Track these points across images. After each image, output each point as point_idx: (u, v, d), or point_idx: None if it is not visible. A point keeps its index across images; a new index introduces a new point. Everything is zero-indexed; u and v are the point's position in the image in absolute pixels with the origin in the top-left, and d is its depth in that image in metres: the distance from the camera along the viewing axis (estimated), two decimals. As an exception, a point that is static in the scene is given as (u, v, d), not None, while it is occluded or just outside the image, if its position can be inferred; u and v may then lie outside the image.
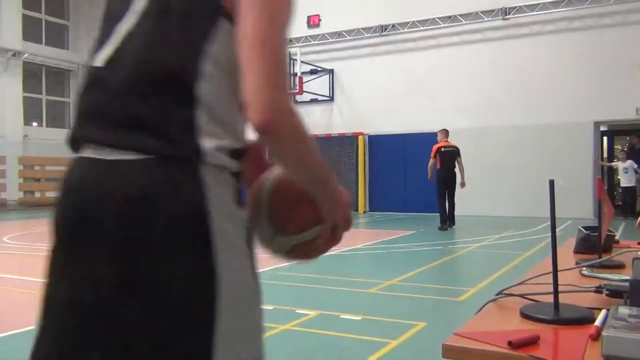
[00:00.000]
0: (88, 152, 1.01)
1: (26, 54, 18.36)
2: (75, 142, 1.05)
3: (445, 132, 11.28)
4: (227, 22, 1.04)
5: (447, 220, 10.79)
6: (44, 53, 19.23)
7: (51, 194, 19.08)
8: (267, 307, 4.30)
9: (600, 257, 1.96)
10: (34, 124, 19.34)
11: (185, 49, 1.03)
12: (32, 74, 19.42)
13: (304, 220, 1.14)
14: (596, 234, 2.07)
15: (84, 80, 1.10)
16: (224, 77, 1.03)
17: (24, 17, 18.71)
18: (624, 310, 1.12)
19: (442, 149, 10.96)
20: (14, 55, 17.98)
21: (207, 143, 0.99)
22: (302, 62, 14.67)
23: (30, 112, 19.13)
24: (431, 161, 10.87)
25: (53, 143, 19.33)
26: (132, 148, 0.97)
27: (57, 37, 20.28)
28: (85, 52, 20.45)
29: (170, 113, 0.99)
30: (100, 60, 1.08)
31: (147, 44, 1.05)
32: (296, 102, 16.13)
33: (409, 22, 14.71)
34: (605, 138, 16.00)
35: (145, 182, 0.96)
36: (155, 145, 0.97)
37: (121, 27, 1.10)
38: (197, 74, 1.01)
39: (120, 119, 1.01)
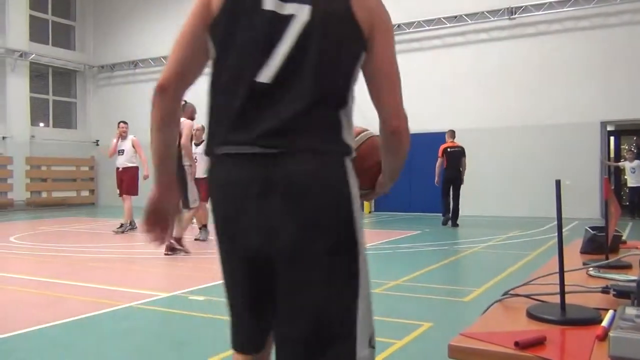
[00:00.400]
0: (258, 149, 1.36)
1: (33, 55, 18.45)
2: (249, 141, 1.37)
3: (452, 133, 11.49)
4: (364, 53, 1.45)
5: (450, 217, 11.27)
6: (51, 54, 19.32)
7: (58, 194, 19.18)
8: (272, 307, 4.19)
9: (607, 258, 1.95)
10: (41, 124, 19.43)
11: (344, 71, 1.44)
12: (38, 75, 19.51)
13: (363, 181, 1.65)
14: (603, 234, 2.07)
15: (246, 92, 1.38)
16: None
17: (31, 17, 18.80)
18: (631, 311, 1.12)
19: (449, 149, 11.22)
20: (20, 55, 18.07)
21: (348, 141, 1.46)
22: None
23: (37, 113, 19.22)
24: (439, 160, 11.19)
25: (60, 143, 19.42)
26: (305, 145, 1.37)
27: (64, 38, 20.37)
28: (91, 52, 20.55)
29: (330, 120, 1.41)
30: (265, 77, 1.37)
31: (312, 64, 1.37)
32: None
33: (414, 22, 14.69)
34: (612, 138, 15.93)
35: (320, 169, 1.37)
36: (321, 144, 1.39)
37: (281, 48, 1.38)
38: (350, 92, 1.47)
39: (292, 124, 1.36)
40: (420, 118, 14.46)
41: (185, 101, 8.56)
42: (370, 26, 1.43)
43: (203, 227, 8.50)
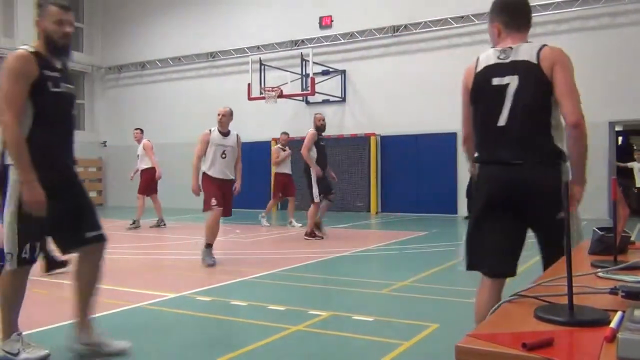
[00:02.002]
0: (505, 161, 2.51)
1: (41, 57, 18.53)
2: (497, 160, 2.54)
3: None
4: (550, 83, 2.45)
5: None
6: (59, 55, 19.40)
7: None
8: (278, 308, 4.33)
9: (615, 259, 1.94)
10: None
11: (547, 106, 2.46)
12: (47, 76, 19.60)
13: None
14: (611, 235, 2.05)
15: (491, 133, 2.56)
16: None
17: (39, 20, 18.90)
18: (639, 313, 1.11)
19: None
20: (29, 57, 18.15)
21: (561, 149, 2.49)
22: (314, 63, 14.68)
23: (45, 114, 19.30)
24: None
25: (68, 144, 19.49)
26: (538, 158, 2.47)
27: (72, 40, 20.40)
28: (98, 54, 20.65)
29: (546, 140, 2.48)
30: (502, 121, 2.50)
31: (527, 107, 2.47)
32: (308, 103, 16.15)
33: (421, 23, 14.67)
34: (620, 138, 15.83)
35: (548, 174, 2.45)
36: (548, 156, 2.47)
37: (507, 103, 2.49)
38: (553, 118, 2.48)
39: (523, 146, 2.47)
40: (427, 119, 14.45)
41: (317, 113, 9.64)
42: (550, 68, 2.43)
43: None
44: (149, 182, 10.88)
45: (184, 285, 5.33)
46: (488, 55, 2.62)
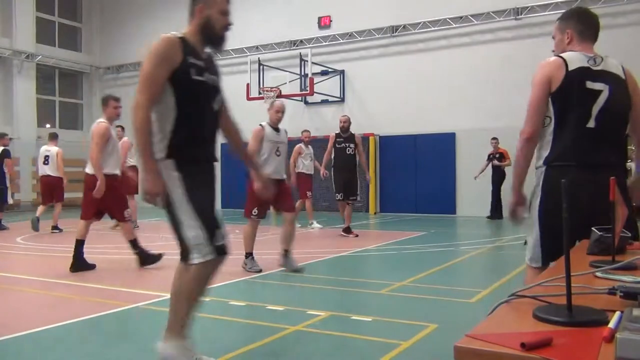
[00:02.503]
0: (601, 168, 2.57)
1: (40, 57, 18.54)
2: (591, 165, 2.59)
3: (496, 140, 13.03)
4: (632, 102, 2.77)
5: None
6: (57, 55, 19.41)
7: (64, 195, 19.18)
8: (277, 308, 4.32)
9: (614, 259, 1.94)
10: (47, 125, 19.51)
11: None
12: (45, 76, 19.61)
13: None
14: (610, 235, 2.06)
15: (584, 134, 2.59)
16: None
17: (38, 19, 18.90)
18: (638, 312, 1.11)
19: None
20: (27, 57, 18.16)
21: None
22: (313, 63, 14.68)
23: (44, 114, 19.31)
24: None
25: (66, 144, 19.40)
26: (614, 164, 2.62)
27: (70, 40, 20.46)
28: (97, 53, 20.63)
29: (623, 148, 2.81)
30: (591, 123, 2.60)
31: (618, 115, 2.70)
32: (307, 103, 16.15)
33: (420, 23, 14.68)
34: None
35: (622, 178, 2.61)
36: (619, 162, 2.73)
37: (597, 107, 2.61)
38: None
39: (614, 151, 2.67)
40: (426, 119, 14.46)
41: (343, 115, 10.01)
42: (633, 88, 2.76)
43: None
44: (133, 181, 10.40)
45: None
46: (579, 58, 2.68)
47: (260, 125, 6.28)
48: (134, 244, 6.37)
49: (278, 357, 3.30)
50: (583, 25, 2.85)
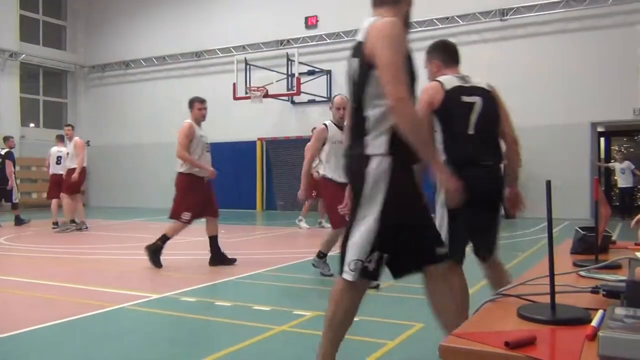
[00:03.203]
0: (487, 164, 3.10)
1: (23, 55, 18.32)
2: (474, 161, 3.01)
3: None
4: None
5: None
6: (41, 54, 19.20)
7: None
8: (263, 308, 4.30)
9: (597, 258, 1.96)
10: (31, 124, 19.30)
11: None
12: (29, 75, 19.38)
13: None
14: (593, 234, 2.08)
15: (467, 140, 3.02)
16: None
17: (21, 17, 18.68)
18: (620, 311, 1.12)
19: None
20: (11, 56, 17.94)
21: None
22: (299, 62, 14.66)
23: (28, 113, 19.08)
24: None
25: (50, 144, 19.18)
26: (492, 163, 3.24)
27: (55, 38, 20.25)
28: (82, 52, 20.44)
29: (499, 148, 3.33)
30: (471, 130, 3.00)
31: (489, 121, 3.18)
32: (294, 103, 16.13)
33: (406, 23, 14.71)
34: (602, 139, 16.04)
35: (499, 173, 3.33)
36: (497, 160, 3.28)
37: (474, 116, 3.05)
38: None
39: (491, 152, 3.23)
40: (412, 119, 14.50)
41: None
42: (497, 99, 3.23)
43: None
44: (78, 182, 10.34)
45: (168, 285, 5.29)
46: (452, 79, 3.18)
47: (324, 124, 5.62)
48: (164, 239, 6.39)
49: (264, 357, 3.29)
50: (445, 54, 3.47)
